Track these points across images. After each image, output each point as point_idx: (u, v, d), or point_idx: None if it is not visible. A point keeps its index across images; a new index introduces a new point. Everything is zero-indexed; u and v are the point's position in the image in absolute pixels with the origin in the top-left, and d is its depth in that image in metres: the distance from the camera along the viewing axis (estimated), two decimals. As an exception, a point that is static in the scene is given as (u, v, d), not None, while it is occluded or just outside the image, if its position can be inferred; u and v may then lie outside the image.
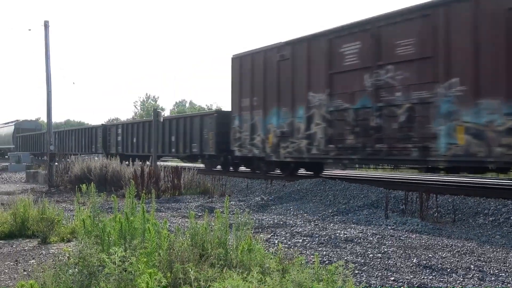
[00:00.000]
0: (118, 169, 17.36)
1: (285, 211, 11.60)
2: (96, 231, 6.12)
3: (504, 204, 10.39)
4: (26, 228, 8.68)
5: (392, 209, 11.02)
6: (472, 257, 6.91)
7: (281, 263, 5.29)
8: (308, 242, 7.71)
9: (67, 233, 8.29)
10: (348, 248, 7.34)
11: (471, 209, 10.60)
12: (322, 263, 6.29)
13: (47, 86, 21.02)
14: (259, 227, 9.05)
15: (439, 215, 10.49)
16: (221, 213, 5.92)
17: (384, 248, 7.31)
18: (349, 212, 10.99)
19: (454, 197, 11.45)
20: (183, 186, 15.54)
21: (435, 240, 8.11)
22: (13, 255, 7.23)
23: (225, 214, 5.83)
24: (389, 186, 13.65)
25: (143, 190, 13.41)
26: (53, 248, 7.60)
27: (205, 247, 5.65)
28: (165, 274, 4.70)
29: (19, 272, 6.20)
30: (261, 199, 13.13)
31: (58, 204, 12.74)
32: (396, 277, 5.74)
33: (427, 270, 6.15)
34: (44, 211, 8.79)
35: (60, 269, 4.80)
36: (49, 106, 21.29)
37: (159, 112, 20.35)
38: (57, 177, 19.30)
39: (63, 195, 15.82)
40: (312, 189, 13.92)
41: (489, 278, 5.83)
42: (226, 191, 15.62)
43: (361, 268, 6.13)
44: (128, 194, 6.74)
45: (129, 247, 5.27)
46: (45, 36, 21.16)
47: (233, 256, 5.37)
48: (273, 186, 15.98)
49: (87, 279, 4.70)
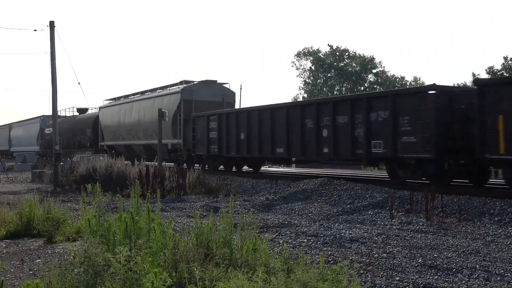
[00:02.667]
0: (123, 169, 17.41)
1: (290, 211, 11.59)
2: (102, 231, 6.14)
3: (509, 204, 10.35)
4: (31, 227, 8.72)
5: (397, 209, 10.99)
6: (477, 257, 6.88)
7: (286, 263, 5.29)
8: (313, 242, 7.70)
9: (72, 233, 8.33)
10: (353, 248, 7.33)
11: (476, 209, 10.56)
12: (327, 263, 6.27)
13: (52, 86, 21.10)
14: (264, 227, 9.05)
15: (444, 215, 10.46)
16: (226, 213, 5.93)
17: (389, 248, 7.29)
18: (354, 212, 10.98)
19: (460, 197, 11.40)
20: (188, 186, 15.56)
21: (441, 240, 8.09)
22: (19, 254, 7.26)
23: (230, 214, 5.83)
24: (394, 186, 13.61)
25: (148, 189, 13.43)
26: (59, 247, 7.63)
27: (210, 246, 5.65)
28: (170, 273, 4.72)
29: (25, 271, 6.22)
30: (266, 199, 13.13)
31: (64, 204, 12.79)
32: (401, 277, 5.72)
33: (433, 270, 6.13)
34: (50, 210, 8.82)
35: (66, 268, 4.81)
36: (55, 106, 21.38)
37: (164, 112, 20.31)
38: (62, 176, 19.37)
39: (68, 195, 15.88)
40: (317, 189, 13.90)
41: (494, 278, 5.81)
42: (231, 191, 15.62)
43: (366, 268, 6.12)
44: (133, 194, 6.76)
45: (134, 247, 5.28)
46: (51, 36, 21.24)
47: (238, 256, 5.38)
48: (278, 186, 15.97)
49: (92, 279, 4.71)
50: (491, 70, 51.58)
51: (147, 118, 27.41)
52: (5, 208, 9.47)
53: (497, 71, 50.99)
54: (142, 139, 28.28)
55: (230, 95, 27.03)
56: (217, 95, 25.84)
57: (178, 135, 24.78)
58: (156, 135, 24.10)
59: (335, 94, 57.95)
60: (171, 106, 25.20)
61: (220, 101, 25.69)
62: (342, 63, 61.77)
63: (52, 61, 21.11)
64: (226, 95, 26.34)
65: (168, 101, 25.91)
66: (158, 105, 25.30)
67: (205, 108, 23.99)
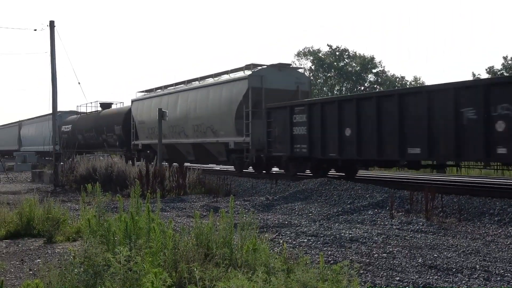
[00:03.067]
0: (123, 169, 17.42)
1: (290, 211, 11.60)
2: (102, 231, 6.14)
3: (509, 204, 10.35)
4: (31, 227, 8.73)
5: (397, 209, 10.99)
6: (477, 257, 6.88)
7: (286, 263, 5.29)
8: (313, 242, 7.70)
9: (72, 233, 8.33)
10: (353, 248, 7.33)
11: (476, 209, 10.56)
12: (327, 263, 6.28)
13: (53, 86, 21.11)
14: (264, 227, 9.05)
15: (444, 215, 10.46)
16: (226, 213, 5.93)
17: (389, 248, 7.29)
18: (354, 212, 10.98)
19: (460, 197, 11.41)
20: (188, 185, 15.57)
21: (441, 240, 8.09)
22: (19, 254, 7.26)
23: (230, 214, 5.83)
24: (394, 186, 13.61)
25: (148, 189, 13.44)
26: (59, 247, 7.63)
27: (210, 246, 5.66)
28: (170, 273, 4.72)
29: (24, 271, 6.22)
30: (266, 199, 13.13)
31: (64, 204, 12.79)
32: (401, 277, 5.73)
33: (433, 270, 6.14)
34: (50, 210, 8.83)
35: (66, 268, 4.81)
36: (55, 105, 21.39)
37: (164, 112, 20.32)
38: (62, 176, 19.37)
39: (68, 195, 15.88)
40: (317, 189, 13.91)
41: (494, 278, 5.81)
42: (231, 191, 15.62)
43: (366, 268, 6.13)
44: (133, 194, 6.76)
45: (134, 247, 5.29)
46: (51, 36, 21.25)
47: (238, 256, 5.38)
48: (278, 186, 15.98)
49: (92, 279, 4.71)
50: (491, 70, 51.68)
51: (199, 112, 22.52)
52: (5, 208, 9.47)
53: (497, 71, 51.06)
54: (190, 137, 23.39)
55: (306, 82, 21.58)
56: (291, 82, 20.61)
57: (244, 132, 19.65)
58: (212, 131, 21.44)
59: (335, 94, 57.87)
60: (234, 96, 20.41)
61: (294, 89, 20.58)
62: (342, 63, 61.76)
63: (52, 60, 21.12)
64: (301, 82, 21.05)
65: (229, 91, 20.88)
66: (216, 95, 21.37)
67: (276, 99, 19.16)
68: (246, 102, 19.68)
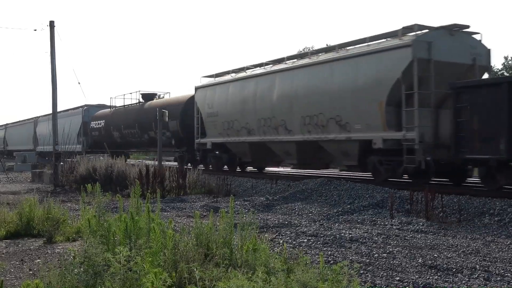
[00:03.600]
0: (123, 169, 17.41)
1: (290, 211, 11.59)
2: (101, 231, 6.14)
3: (509, 204, 10.34)
4: (31, 227, 8.72)
5: (397, 209, 10.99)
6: (477, 257, 6.88)
7: (286, 263, 5.28)
8: (313, 242, 7.70)
9: (72, 233, 8.32)
10: (353, 248, 7.33)
11: (476, 209, 10.56)
12: (327, 263, 6.28)
13: (53, 85, 21.11)
14: (264, 227, 9.05)
15: (444, 215, 10.46)
16: (226, 213, 5.93)
17: (389, 248, 7.29)
18: (354, 212, 10.98)
19: (460, 197, 11.40)
20: (188, 186, 15.56)
21: (441, 240, 8.09)
22: (19, 254, 7.26)
23: (230, 214, 5.83)
24: (394, 186, 13.60)
25: (148, 190, 13.44)
26: (59, 247, 7.63)
27: (210, 246, 5.66)
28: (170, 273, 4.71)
29: (24, 272, 6.22)
30: (266, 199, 13.12)
31: (64, 204, 12.79)
32: (401, 277, 5.72)
33: (433, 270, 6.14)
34: (50, 210, 8.82)
35: (66, 268, 4.81)
36: (55, 105, 21.39)
37: (164, 112, 20.30)
38: (62, 176, 19.37)
39: (68, 195, 15.88)
40: (317, 189, 13.90)
41: (494, 278, 5.81)
42: (231, 191, 15.61)
43: (366, 268, 6.12)
44: (133, 194, 6.76)
45: (134, 247, 5.29)
46: (51, 36, 21.25)
47: (238, 256, 5.38)
48: (278, 186, 15.97)
49: (92, 279, 4.71)
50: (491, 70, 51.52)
51: (315, 98, 16.37)
52: (5, 208, 9.47)
53: (497, 71, 51.02)
54: (296, 133, 17.27)
55: (483, 54, 15.05)
56: (465, 52, 14.44)
57: (403, 124, 13.77)
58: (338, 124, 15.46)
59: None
60: (383, 72, 14.27)
61: (469, 64, 14.46)
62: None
63: (52, 60, 21.13)
64: (478, 53, 14.73)
65: (374, 65, 14.62)
66: (349, 73, 15.37)
67: (447, 77, 13.61)
68: (407, 80, 13.64)
